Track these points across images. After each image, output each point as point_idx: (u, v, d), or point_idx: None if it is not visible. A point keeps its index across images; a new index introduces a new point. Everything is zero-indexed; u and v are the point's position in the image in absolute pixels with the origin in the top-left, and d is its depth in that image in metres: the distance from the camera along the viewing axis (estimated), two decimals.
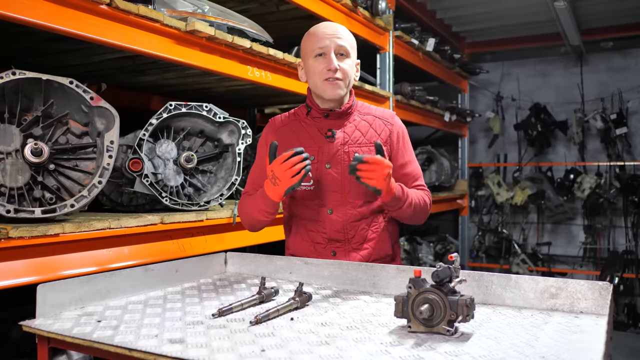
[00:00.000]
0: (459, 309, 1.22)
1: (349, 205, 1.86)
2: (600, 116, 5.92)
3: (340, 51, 1.84)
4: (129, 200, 2.33)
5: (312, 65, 1.86)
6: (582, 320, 1.36)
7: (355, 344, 1.19)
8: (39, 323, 1.34)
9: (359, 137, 1.88)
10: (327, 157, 1.87)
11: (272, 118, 2.02)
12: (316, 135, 1.90)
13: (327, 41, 1.83)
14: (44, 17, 1.66)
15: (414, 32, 4.48)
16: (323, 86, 1.84)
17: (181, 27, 2.13)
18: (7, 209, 1.62)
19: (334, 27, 1.89)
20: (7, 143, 1.74)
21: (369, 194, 1.85)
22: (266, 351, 1.14)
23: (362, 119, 1.92)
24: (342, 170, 1.86)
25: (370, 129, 1.90)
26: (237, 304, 1.46)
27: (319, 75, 1.84)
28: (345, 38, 1.86)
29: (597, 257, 6.06)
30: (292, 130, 1.94)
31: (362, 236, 1.88)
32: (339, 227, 1.87)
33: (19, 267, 1.58)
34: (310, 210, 1.90)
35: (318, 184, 1.87)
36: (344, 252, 1.88)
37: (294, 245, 1.97)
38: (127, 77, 2.88)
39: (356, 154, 1.69)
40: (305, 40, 1.90)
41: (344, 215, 1.86)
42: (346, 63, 1.84)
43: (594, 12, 5.34)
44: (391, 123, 1.92)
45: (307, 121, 1.93)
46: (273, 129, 1.98)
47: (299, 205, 1.93)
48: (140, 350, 1.14)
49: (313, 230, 1.91)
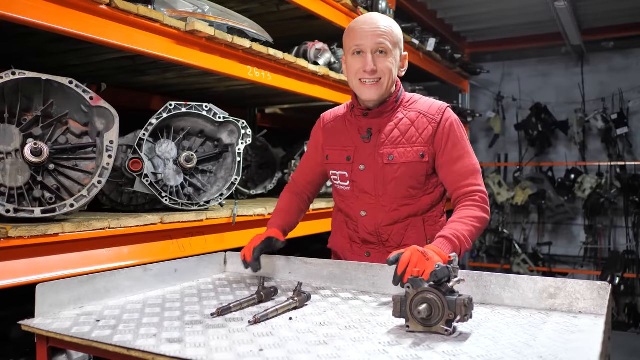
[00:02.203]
0: (457, 308, 1.23)
1: (381, 209, 1.81)
2: (601, 116, 5.92)
3: (380, 49, 1.73)
4: (128, 200, 2.33)
5: (349, 63, 1.79)
6: (580, 320, 1.37)
7: (354, 344, 1.19)
8: (38, 322, 1.35)
9: (397, 137, 1.78)
10: (362, 158, 1.82)
11: (323, 113, 2.00)
12: (355, 135, 1.85)
13: (365, 39, 1.73)
14: (44, 18, 1.66)
15: (414, 32, 4.48)
16: (359, 87, 1.77)
17: (181, 27, 2.13)
18: (7, 208, 1.62)
19: (375, 21, 1.75)
20: (7, 143, 1.74)
21: (404, 197, 1.79)
22: (264, 351, 1.14)
23: (405, 115, 1.80)
24: (374, 173, 1.80)
25: (412, 128, 1.78)
26: (235, 304, 1.47)
27: (354, 75, 1.77)
28: (386, 34, 1.73)
29: (598, 257, 6.06)
30: (337, 128, 1.91)
31: (397, 240, 1.82)
32: (371, 229, 1.84)
33: (19, 267, 1.58)
34: (348, 208, 1.89)
35: (353, 184, 1.85)
36: (378, 254, 1.85)
37: (334, 240, 1.99)
38: (127, 77, 2.88)
39: (389, 258, 1.47)
40: (345, 36, 1.82)
41: (376, 218, 1.82)
42: (386, 62, 1.73)
43: (595, 12, 5.33)
44: (436, 120, 1.77)
45: (350, 118, 1.88)
46: (320, 126, 1.98)
47: (340, 202, 1.93)
48: (139, 349, 1.14)
49: (351, 229, 1.90)
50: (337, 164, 1.88)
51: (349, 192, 1.87)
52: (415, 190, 1.80)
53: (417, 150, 1.77)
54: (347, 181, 1.86)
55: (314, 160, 2.01)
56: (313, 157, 2.01)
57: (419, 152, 1.77)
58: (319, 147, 1.97)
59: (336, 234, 1.98)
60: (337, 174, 1.89)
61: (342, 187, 1.88)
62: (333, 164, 1.89)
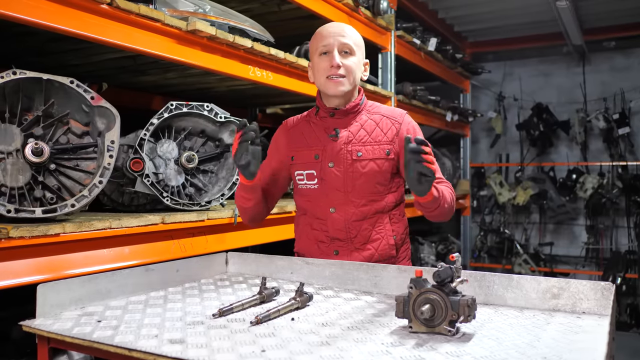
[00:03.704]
0: (460, 309, 1.22)
1: (351, 205, 1.86)
2: (602, 116, 5.91)
3: (344, 49, 1.85)
4: (130, 200, 2.33)
5: (316, 64, 1.88)
6: (584, 320, 1.36)
7: (356, 345, 1.18)
8: (39, 323, 1.34)
9: (363, 136, 1.87)
10: (331, 156, 1.87)
11: (285, 120, 2.05)
12: (322, 134, 1.91)
13: (331, 39, 1.85)
14: (45, 17, 1.66)
15: (415, 32, 4.47)
16: (326, 83, 1.85)
17: (182, 26, 2.12)
18: (8, 208, 1.62)
19: (340, 26, 1.90)
20: (8, 143, 1.74)
21: (372, 193, 1.85)
22: (266, 351, 1.13)
23: (369, 117, 1.90)
24: (344, 169, 1.85)
25: (377, 128, 1.88)
26: (237, 304, 1.46)
27: (322, 73, 1.85)
28: (349, 36, 1.87)
29: (600, 257, 6.05)
30: (301, 130, 1.96)
31: (365, 236, 1.87)
32: (340, 225, 1.87)
33: (20, 267, 1.58)
34: (314, 208, 1.91)
35: (322, 182, 1.88)
36: (346, 251, 1.88)
37: (300, 244, 2.00)
38: (128, 76, 2.87)
39: (407, 135, 1.53)
40: (312, 40, 1.93)
41: (345, 214, 1.86)
42: (350, 60, 1.85)
43: (596, 12, 5.33)
44: (399, 122, 1.89)
45: (316, 121, 1.94)
46: (284, 130, 2.01)
47: (305, 203, 1.95)
48: (140, 350, 1.14)
49: (317, 229, 1.91)
50: (304, 164, 1.91)
51: (316, 190, 1.90)
52: (382, 187, 1.87)
53: (383, 147, 1.86)
54: (314, 179, 1.89)
55: (272, 159, 2.00)
56: (272, 156, 2.00)
57: (385, 150, 1.86)
58: (280, 150, 1.97)
59: (301, 238, 1.99)
60: (303, 174, 1.92)
61: (309, 186, 1.91)
62: (299, 164, 1.92)
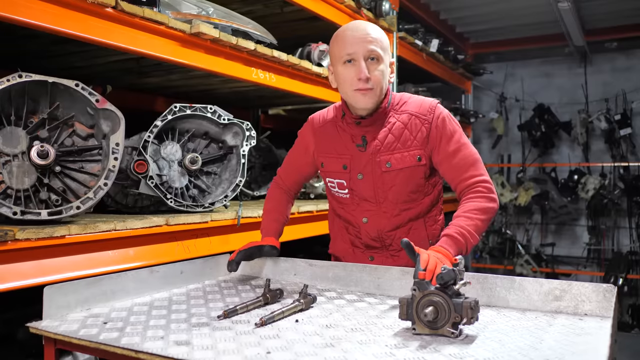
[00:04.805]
0: (463, 311, 1.23)
1: (383, 216, 1.81)
2: (604, 117, 5.91)
3: (372, 56, 1.69)
4: (133, 201, 2.34)
5: (341, 73, 1.73)
6: (586, 322, 1.37)
7: (360, 346, 1.19)
8: (46, 325, 1.35)
9: (392, 143, 1.77)
10: (359, 167, 1.80)
11: (311, 115, 1.98)
12: (349, 143, 1.82)
13: (356, 46, 1.69)
14: (51, 21, 1.67)
15: (417, 33, 4.48)
16: (354, 96, 1.72)
17: (186, 29, 2.13)
18: (14, 210, 1.63)
19: (364, 28, 1.72)
20: (14, 145, 1.75)
21: (405, 202, 1.79)
22: (272, 353, 1.15)
23: (397, 119, 1.78)
24: (374, 181, 1.79)
25: (405, 131, 1.77)
26: (242, 306, 1.47)
27: (349, 85, 1.72)
28: (375, 40, 1.70)
29: (601, 258, 6.05)
30: (329, 134, 1.88)
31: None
32: (374, 235, 1.84)
33: (26, 269, 1.59)
34: (347, 215, 1.89)
35: (352, 192, 1.84)
36: (381, 257, 1.86)
37: (335, 246, 1.98)
38: (131, 78, 2.88)
39: (402, 240, 1.42)
40: (333, 44, 1.77)
41: (378, 225, 1.82)
42: (379, 69, 1.70)
43: (598, 13, 5.33)
44: (428, 120, 1.75)
45: (342, 125, 1.84)
46: (311, 129, 1.95)
47: (338, 208, 1.92)
48: (147, 352, 1.15)
49: (352, 235, 1.90)
50: (334, 172, 1.86)
51: (348, 199, 1.86)
52: (416, 194, 1.80)
53: (413, 154, 1.76)
54: (345, 189, 1.85)
55: (303, 162, 1.99)
56: (303, 158, 1.99)
57: (416, 156, 1.76)
58: (309, 150, 1.95)
59: (336, 240, 1.97)
60: (334, 182, 1.87)
61: (341, 194, 1.87)
62: (329, 172, 1.88)
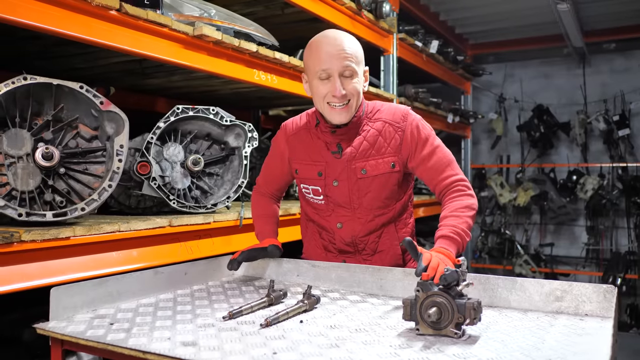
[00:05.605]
0: (466, 312, 1.24)
1: (357, 221, 1.85)
2: (602, 117, 5.94)
3: (346, 72, 1.70)
4: (136, 202, 2.35)
5: (316, 87, 1.74)
6: (587, 323, 1.38)
7: (365, 347, 1.21)
8: (53, 326, 1.36)
9: (366, 150, 1.80)
10: (334, 174, 1.82)
11: (284, 122, 1.99)
12: (324, 150, 1.84)
13: (331, 63, 1.69)
14: (55, 24, 1.68)
15: (417, 34, 4.50)
16: (330, 113, 1.75)
17: (189, 31, 2.15)
18: (19, 212, 1.64)
19: (340, 43, 1.71)
20: (19, 147, 1.76)
21: (379, 207, 1.83)
22: (278, 354, 1.16)
23: (371, 127, 1.81)
24: (349, 187, 1.82)
25: (380, 138, 1.80)
26: (246, 307, 1.48)
27: (322, 98, 1.74)
28: (350, 55, 1.70)
29: (600, 258, 6.07)
30: (303, 140, 1.90)
31: (373, 248, 1.88)
32: (348, 240, 1.88)
33: (32, 270, 1.60)
34: (321, 220, 1.91)
35: (327, 199, 1.86)
36: (354, 261, 1.89)
37: (308, 250, 2.01)
38: (133, 79, 2.90)
39: (405, 239, 1.41)
40: (308, 56, 1.76)
41: (352, 230, 1.86)
42: (353, 83, 1.72)
43: (597, 14, 5.35)
44: (402, 128, 1.80)
45: (316, 132, 1.86)
46: (285, 136, 1.95)
47: (312, 213, 1.94)
48: (155, 353, 1.16)
49: (325, 240, 1.93)
50: (309, 179, 1.88)
51: (323, 205, 1.88)
52: (389, 200, 1.84)
53: (387, 160, 1.79)
54: (320, 195, 1.87)
55: (280, 170, 1.99)
56: (279, 166, 1.99)
57: (390, 163, 1.79)
58: (284, 158, 1.96)
59: (309, 244, 2.00)
60: (309, 188, 1.89)
61: (316, 200, 1.89)
62: (304, 179, 1.90)
